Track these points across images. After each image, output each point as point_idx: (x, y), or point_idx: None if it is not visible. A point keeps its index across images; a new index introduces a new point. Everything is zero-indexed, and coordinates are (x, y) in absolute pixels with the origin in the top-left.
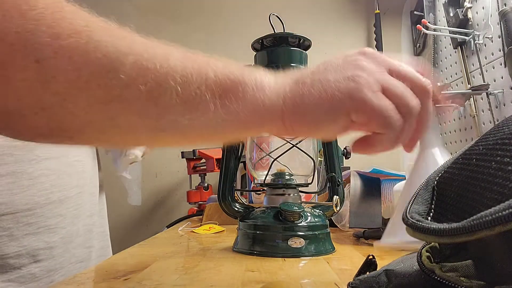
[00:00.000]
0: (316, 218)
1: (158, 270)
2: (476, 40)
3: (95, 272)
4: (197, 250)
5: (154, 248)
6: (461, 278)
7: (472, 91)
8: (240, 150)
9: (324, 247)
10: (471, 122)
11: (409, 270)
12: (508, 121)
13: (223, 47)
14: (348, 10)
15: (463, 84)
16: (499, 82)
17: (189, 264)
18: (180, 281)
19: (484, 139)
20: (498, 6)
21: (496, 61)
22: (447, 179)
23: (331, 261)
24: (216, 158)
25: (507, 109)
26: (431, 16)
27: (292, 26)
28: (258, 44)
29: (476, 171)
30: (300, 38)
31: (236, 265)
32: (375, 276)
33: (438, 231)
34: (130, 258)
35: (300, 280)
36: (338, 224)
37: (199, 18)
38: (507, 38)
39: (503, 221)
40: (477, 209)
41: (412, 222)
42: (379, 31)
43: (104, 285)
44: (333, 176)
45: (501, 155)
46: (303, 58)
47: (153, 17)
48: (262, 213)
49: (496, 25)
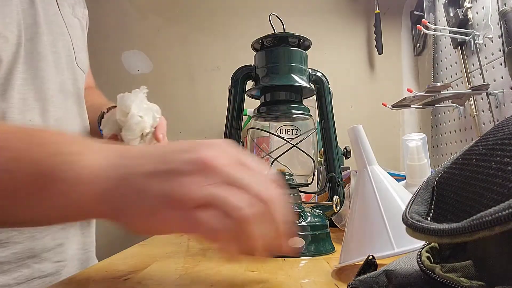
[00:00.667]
0: (316, 218)
1: (158, 270)
2: (476, 40)
3: (95, 272)
4: (197, 250)
5: (154, 248)
6: (461, 278)
7: (472, 91)
8: None
9: (324, 247)
10: (471, 122)
11: (409, 270)
12: (508, 121)
13: (223, 47)
14: (348, 10)
15: (463, 84)
16: (499, 82)
17: (189, 264)
18: (180, 281)
19: (484, 139)
20: (498, 6)
21: (496, 61)
22: (447, 179)
23: (331, 261)
24: None
25: (507, 109)
26: (431, 16)
27: (292, 26)
28: (258, 44)
29: (476, 171)
30: (300, 38)
31: (236, 265)
32: (375, 276)
33: (438, 231)
34: (130, 258)
35: (300, 280)
36: (338, 224)
37: (199, 18)
38: (507, 38)
39: (502, 221)
40: (477, 209)
41: (412, 222)
42: (379, 31)
43: (104, 285)
44: (333, 176)
45: (501, 155)
46: (303, 58)
47: (153, 17)
48: None
49: (496, 25)
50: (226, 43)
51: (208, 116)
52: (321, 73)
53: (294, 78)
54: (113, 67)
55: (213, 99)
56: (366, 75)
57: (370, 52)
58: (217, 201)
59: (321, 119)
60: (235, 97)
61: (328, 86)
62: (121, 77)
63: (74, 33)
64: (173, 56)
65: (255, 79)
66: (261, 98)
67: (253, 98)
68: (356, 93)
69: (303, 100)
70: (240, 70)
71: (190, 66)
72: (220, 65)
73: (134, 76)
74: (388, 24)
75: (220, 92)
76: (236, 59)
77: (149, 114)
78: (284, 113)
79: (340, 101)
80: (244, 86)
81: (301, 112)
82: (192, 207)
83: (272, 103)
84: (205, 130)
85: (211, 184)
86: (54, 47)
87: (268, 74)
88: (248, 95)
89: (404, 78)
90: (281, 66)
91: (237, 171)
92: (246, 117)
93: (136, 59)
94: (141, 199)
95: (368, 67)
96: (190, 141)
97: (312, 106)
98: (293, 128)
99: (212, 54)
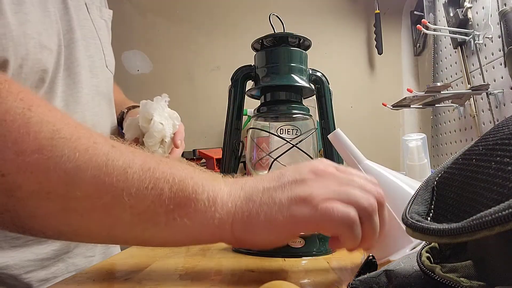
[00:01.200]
0: None
1: (158, 270)
2: (476, 40)
3: (95, 272)
4: (197, 250)
5: (154, 248)
6: (461, 278)
7: (472, 91)
8: (240, 150)
9: (324, 247)
10: (471, 122)
11: (409, 270)
12: (507, 122)
13: (223, 47)
14: (348, 10)
15: (463, 84)
16: (499, 82)
17: (189, 264)
18: (180, 281)
19: (484, 140)
20: (498, 6)
21: (496, 61)
22: (447, 179)
23: (331, 261)
24: (216, 158)
25: (507, 109)
26: (431, 16)
27: (292, 26)
28: (258, 44)
29: (476, 171)
30: (300, 38)
31: (236, 265)
32: (375, 276)
33: (438, 231)
34: (130, 258)
35: (300, 280)
36: None
37: (199, 18)
38: (507, 38)
39: (502, 221)
40: (477, 209)
41: (412, 222)
42: (379, 31)
43: (104, 285)
44: None
45: (501, 155)
46: (303, 58)
47: (153, 17)
48: None
49: (496, 25)
50: (226, 43)
51: (208, 116)
52: (321, 73)
53: (294, 78)
54: None
55: (213, 99)
56: (366, 75)
57: (370, 52)
58: (343, 194)
59: (321, 119)
60: (235, 97)
61: (328, 86)
62: (121, 77)
63: (103, 35)
64: (173, 56)
65: (255, 79)
66: (261, 98)
67: (253, 98)
68: (356, 93)
69: (303, 100)
70: (240, 70)
71: (190, 66)
72: (220, 65)
73: (134, 76)
74: (388, 24)
75: (220, 92)
76: (236, 59)
77: (170, 121)
78: (284, 113)
79: (340, 101)
80: (244, 86)
81: (301, 112)
82: (319, 202)
83: (272, 103)
84: (205, 130)
85: (331, 184)
86: (88, 51)
87: (268, 74)
88: (248, 95)
89: (404, 78)
90: (281, 66)
91: (348, 175)
92: (246, 117)
93: (136, 59)
94: (270, 207)
95: (368, 67)
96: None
97: (312, 106)
98: (293, 128)
99: (212, 54)
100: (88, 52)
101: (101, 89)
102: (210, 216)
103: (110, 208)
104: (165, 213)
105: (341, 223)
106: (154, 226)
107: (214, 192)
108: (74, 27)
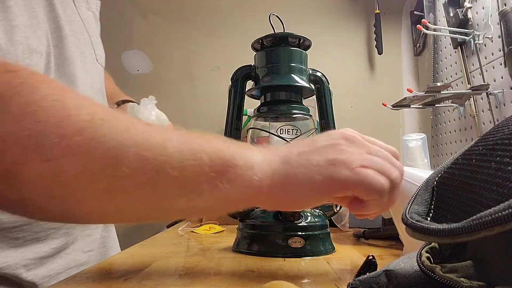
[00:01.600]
0: (316, 218)
1: (158, 270)
2: (476, 40)
3: (95, 272)
4: (197, 250)
5: (154, 248)
6: (461, 278)
7: (472, 91)
8: None
9: (324, 247)
10: (471, 122)
11: (409, 270)
12: (507, 122)
13: (223, 47)
14: (348, 10)
15: (463, 84)
16: (499, 82)
17: (189, 264)
18: (180, 281)
19: (483, 140)
20: (498, 6)
21: (496, 61)
22: (447, 179)
23: (331, 261)
24: None
25: (507, 109)
26: (431, 16)
27: (292, 26)
28: (258, 44)
29: (475, 171)
30: (300, 38)
31: (236, 265)
32: (375, 276)
33: (438, 232)
34: (130, 258)
35: (300, 280)
36: (338, 224)
37: (199, 18)
38: (507, 38)
39: (502, 221)
40: (477, 209)
41: (412, 222)
42: (379, 31)
43: (104, 285)
44: None
45: (501, 155)
46: (303, 58)
47: (153, 17)
48: (262, 213)
49: (496, 25)
50: (226, 43)
51: (208, 116)
52: (321, 73)
53: (294, 78)
54: (113, 67)
55: (213, 99)
56: (366, 75)
57: (370, 52)
58: (377, 164)
59: (321, 119)
60: (235, 97)
61: (328, 86)
62: (121, 77)
63: (91, 28)
64: (173, 56)
65: (255, 79)
66: (261, 98)
67: (253, 98)
68: (356, 93)
69: (303, 100)
70: (240, 70)
71: (190, 66)
72: (220, 65)
73: (134, 76)
74: (388, 24)
75: (220, 92)
76: (236, 59)
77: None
78: (284, 113)
79: (340, 101)
80: (244, 86)
81: (301, 112)
82: (357, 166)
83: (272, 103)
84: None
85: (363, 152)
86: (78, 48)
87: (268, 74)
88: (248, 95)
89: (404, 78)
90: (281, 66)
91: (375, 146)
92: (246, 117)
93: (136, 59)
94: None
95: (368, 67)
96: None
97: (312, 106)
98: (293, 128)
99: (212, 54)
100: (79, 48)
101: (95, 85)
102: (249, 179)
103: (155, 183)
104: (207, 181)
105: (375, 189)
106: (198, 195)
107: (251, 158)
108: (62, 24)
